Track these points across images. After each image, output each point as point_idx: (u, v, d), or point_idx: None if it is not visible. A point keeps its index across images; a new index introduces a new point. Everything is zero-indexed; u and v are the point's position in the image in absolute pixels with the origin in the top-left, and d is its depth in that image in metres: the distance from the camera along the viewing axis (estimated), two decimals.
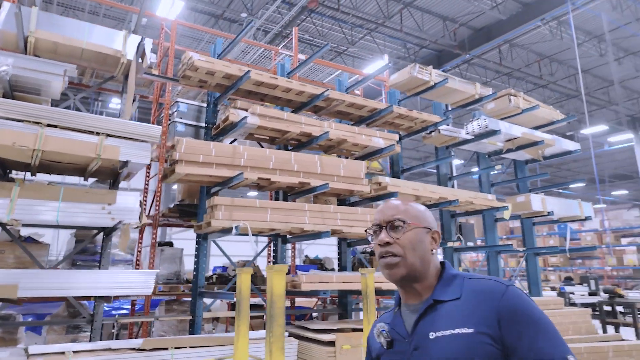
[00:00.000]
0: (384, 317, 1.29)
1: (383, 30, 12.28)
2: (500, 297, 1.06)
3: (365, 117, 7.33)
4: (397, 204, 1.24)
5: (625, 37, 12.76)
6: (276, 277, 3.16)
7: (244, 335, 3.90)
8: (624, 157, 22.62)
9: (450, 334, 1.05)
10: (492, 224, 9.45)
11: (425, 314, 1.12)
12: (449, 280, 1.17)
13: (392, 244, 1.17)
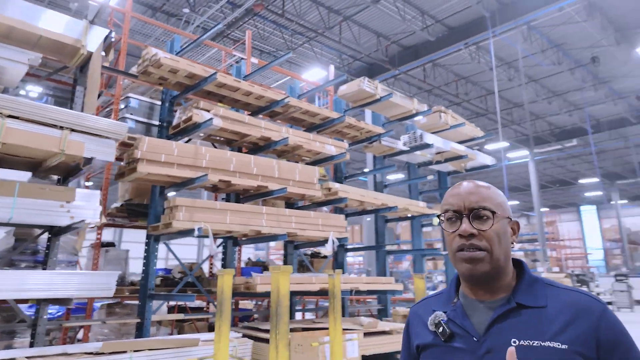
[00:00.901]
0: (431, 303, 1.17)
1: (322, 39, 12.73)
2: (599, 316, 0.98)
3: (317, 125, 7.64)
4: (480, 188, 1.09)
5: (530, 65, 14.66)
6: (282, 277, 3.33)
7: (225, 336, 3.99)
8: (519, 171, 25.61)
9: (540, 345, 0.95)
10: (419, 229, 10.28)
11: (505, 316, 1.01)
12: (531, 283, 1.06)
13: (477, 236, 1.03)
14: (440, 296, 1.18)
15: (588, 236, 42.06)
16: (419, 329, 1.14)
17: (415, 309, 1.21)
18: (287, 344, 3.24)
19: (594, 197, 38.40)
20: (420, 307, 1.21)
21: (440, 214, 1.12)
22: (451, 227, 1.07)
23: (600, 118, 20.59)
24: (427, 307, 1.16)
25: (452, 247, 1.07)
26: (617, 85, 17.21)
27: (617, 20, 13.08)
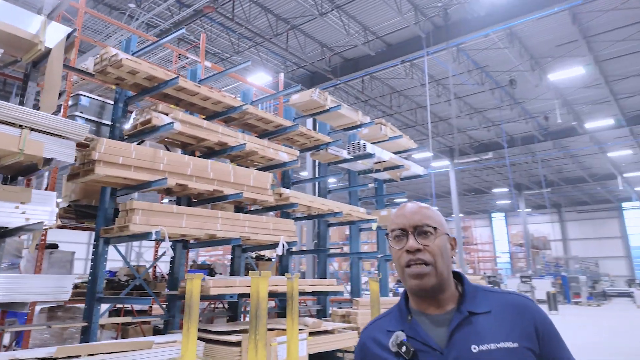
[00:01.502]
0: (383, 325, 1.21)
1: (268, 45, 12.95)
2: (533, 312, 1.11)
3: (270, 132, 7.88)
4: (422, 209, 1.19)
5: (457, 84, 16.01)
6: (261, 282, 3.57)
7: (193, 337, 4.13)
8: (439, 179, 27.50)
9: (496, 348, 1.03)
10: (357, 234, 10.84)
11: (460, 325, 1.08)
12: (473, 292, 1.15)
13: (422, 251, 1.11)
14: (390, 316, 1.21)
15: (497, 241, 46.13)
16: (378, 351, 1.15)
17: (369, 333, 1.22)
18: (265, 344, 3.49)
19: (504, 205, 42.27)
20: (373, 330, 1.22)
21: (387, 234, 1.20)
22: (398, 244, 1.15)
23: (513, 134, 22.86)
24: (380, 329, 1.19)
25: (400, 263, 1.13)
26: (529, 106, 19.30)
27: (533, 49, 14.75)
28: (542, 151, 24.95)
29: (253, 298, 3.58)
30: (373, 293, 4.87)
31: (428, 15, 12.53)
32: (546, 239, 37.02)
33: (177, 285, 6.61)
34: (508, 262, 42.56)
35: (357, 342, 1.26)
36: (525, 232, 33.58)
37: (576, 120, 20.14)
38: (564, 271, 32.29)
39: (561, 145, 24.31)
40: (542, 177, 29.11)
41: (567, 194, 36.90)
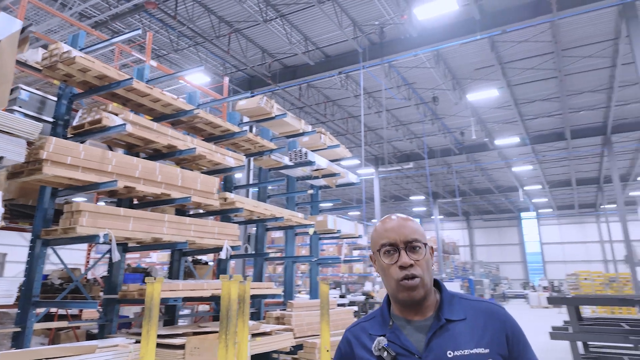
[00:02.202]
0: (367, 327, 1.27)
1: (208, 46, 12.85)
2: (504, 319, 1.18)
3: (216, 136, 7.94)
4: (408, 222, 1.24)
5: (387, 97, 16.99)
6: (232, 285, 3.75)
7: (153, 340, 4.18)
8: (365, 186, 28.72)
9: (469, 353, 1.10)
10: (292, 238, 11.17)
11: (438, 332, 1.14)
12: (450, 300, 1.22)
13: (413, 266, 1.17)
14: (373, 320, 1.28)
15: None
16: (362, 353, 1.22)
17: (354, 333, 1.28)
18: (233, 343, 3.69)
19: (420, 212, 45.04)
20: (357, 331, 1.28)
21: (379, 248, 1.23)
22: (390, 259, 1.19)
23: (433, 147, 24.64)
24: (364, 331, 1.26)
25: (392, 277, 1.18)
26: (448, 121, 21.00)
27: (455, 70, 16.14)
28: (457, 163, 27.19)
29: (224, 300, 3.77)
30: (323, 295, 5.22)
31: (366, 32, 13.26)
32: (456, 244, 40.01)
33: (116, 288, 6.48)
34: None
35: (342, 339, 1.32)
36: (438, 237, 36.08)
37: (487, 137, 22.25)
38: (471, 275, 35.27)
39: (474, 158, 26.69)
40: (456, 187, 31.63)
41: (476, 203, 40.37)
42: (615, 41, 14.15)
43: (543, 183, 32.05)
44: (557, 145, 24.08)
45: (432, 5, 11.27)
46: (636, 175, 30.05)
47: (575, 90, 17.68)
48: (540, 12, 11.98)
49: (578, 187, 33.20)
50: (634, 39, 11.36)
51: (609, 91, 17.65)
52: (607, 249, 39.74)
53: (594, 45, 14.40)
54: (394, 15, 12.52)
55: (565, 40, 14.06)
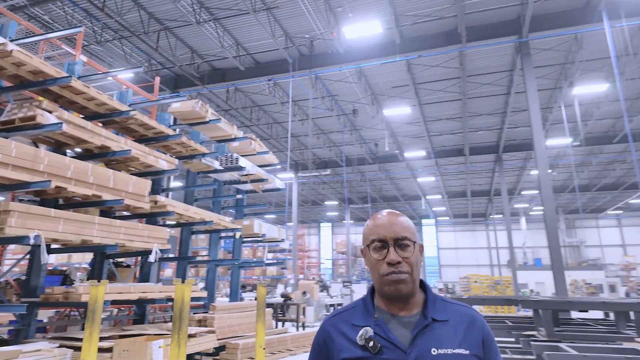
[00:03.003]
0: (348, 318, 1.26)
1: (134, 40, 12.38)
2: (482, 325, 1.22)
3: (148, 137, 7.82)
4: (400, 218, 1.24)
5: (311, 107, 17.59)
6: (186, 288, 3.91)
7: (95, 342, 4.19)
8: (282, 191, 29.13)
9: (452, 353, 1.13)
10: (217, 242, 11.23)
11: (423, 330, 1.16)
12: (434, 301, 1.24)
13: (402, 263, 1.18)
14: (354, 310, 1.27)
15: (322, 248, 50.44)
16: (343, 342, 1.20)
17: (334, 323, 1.26)
18: (185, 342, 3.87)
19: (332, 216, 46.59)
20: (337, 321, 1.26)
21: (369, 244, 1.23)
22: (379, 254, 1.19)
23: (349, 155, 25.86)
24: (345, 322, 1.24)
25: (379, 272, 1.19)
26: (365, 133, 22.26)
27: (374, 87, 17.27)
28: (369, 172, 28.80)
29: (177, 302, 3.93)
30: (261, 296, 5.53)
31: (296, 44, 13.73)
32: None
33: (36, 291, 6.18)
34: (330, 268, 46.98)
35: (320, 329, 1.28)
36: (349, 241, 37.70)
37: (398, 149, 23.94)
38: None
39: (385, 168, 28.48)
40: (368, 194, 33.38)
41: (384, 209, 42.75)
42: (510, 72, 16.22)
43: (443, 193, 35.11)
44: (457, 160, 26.65)
45: (359, 26, 12.08)
46: (520, 190, 34.25)
47: (475, 113, 19.84)
48: (452, 42, 13.41)
49: (472, 198, 36.93)
50: (526, 72, 13.19)
51: (502, 115, 20.07)
52: (494, 255, 44.57)
53: (494, 74, 16.36)
54: (324, 31, 13.16)
55: (470, 68, 15.81)
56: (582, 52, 14.40)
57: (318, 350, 1.26)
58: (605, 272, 29.48)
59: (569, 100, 18.40)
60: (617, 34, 13.80)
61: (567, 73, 15.74)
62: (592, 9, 12.34)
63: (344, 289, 25.87)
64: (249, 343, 8.63)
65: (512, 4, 12.39)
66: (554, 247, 11.61)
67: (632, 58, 14.63)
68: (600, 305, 5.83)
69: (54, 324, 7.28)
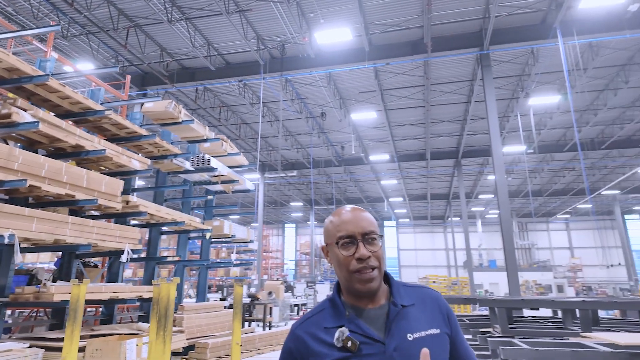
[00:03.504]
0: (319, 321, 1.23)
1: (102, 36, 12.15)
2: (443, 302, 1.28)
3: (121, 137, 7.79)
4: (364, 214, 1.24)
5: (280, 109, 17.75)
6: (172, 287, 4.03)
7: (76, 340, 4.24)
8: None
9: (426, 334, 1.16)
10: (185, 242, 11.23)
11: (395, 318, 1.17)
12: (398, 287, 1.26)
13: (371, 257, 1.18)
14: (323, 313, 1.24)
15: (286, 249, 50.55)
16: (320, 347, 1.17)
17: (305, 329, 1.23)
18: (171, 339, 4.00)
19: (296, 217, 46.78)
20: (308, 326, 1.23)
21: (335, 241, 1.22)
22: (347, 251, 1.19)
23: (316, 157, 26.17)
24: (317, 326, 1.21)
25: (349, 268, 1.18)
26: (332, 136, 22.64)
27: (343, 91, 17.65)
28: (335, 174, 29.22)
29: (162, 300, 4.06)
30: (237, 295, 5.69)
31: (268, 46, 13.87)
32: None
33: (4, 291, 6.09)
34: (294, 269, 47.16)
35: (290, 337, 1.25)
36: (312, 242, 38.02)
37: (364, 153, 24.47)
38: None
39: (350, 171, 28.99)
40: (333, 196, 33.81)
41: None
42: (471, 82, 17.01)
43: (404, 196, 36.06)
44: (419, 164, 27.52)
45: (330, 32, 12.39)
46: (477, 194, 35.71)
47: (437, 119, 20.63)
48: (418, 51, 13.96)
49: (432, 201, 38.14)
50: (486, 82, 13.92)
51: (462, 122, 20.96)
52: (451, 256, 46.16)
53: (455, 83, 17.11)
54: (296, 35, 13.38)
55: (434, 76, 16.47)
56: (537, 65, 15.33)
57: (288, 359, 1.22)
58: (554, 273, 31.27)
59: (524, 110, 19.49)
60: (569, 50, 14.80)
61: (523, 84, 16.68)
62: (547, 26, 13.20)
63: (308, 289, 26.17)
64: (218, 342, 8.74)
65: (475, 17, 13.07)
66: (508, 249, 12.35)
67: (582, 73, 15.72)
68: (550, 303, 6.36)
69: (20, 324, 7.13)
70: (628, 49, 14.62)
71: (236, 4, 11.75)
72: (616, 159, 26.18)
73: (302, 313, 18.63)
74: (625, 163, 26.99)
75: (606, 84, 17.17)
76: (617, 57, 15.21)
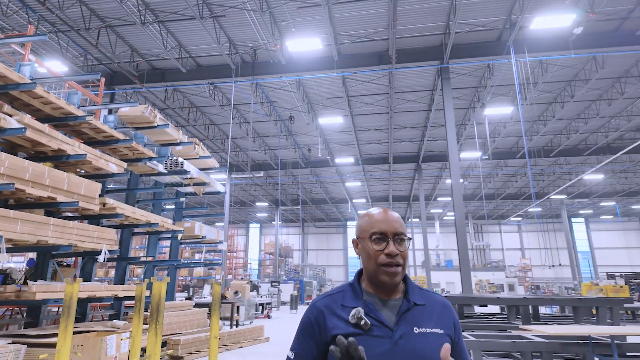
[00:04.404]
0: (338, 299, 1.36)
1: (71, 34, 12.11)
2: (452, 311, 1.41)
3: (97, 140, 7.99)
4: (398, 218, 1.38)
5: (250, 111, 18.05)
6: (163, 285, 4.42)
7: (70, 335, 4.55)
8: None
9: (430, 331, 1.29)
10: (155, 243, 11.44)
11: (406, 311, 1.31)
12: (414, 288, 1.41)
13: (398, 255, 1.32)
14: (343, 293, 1.38)
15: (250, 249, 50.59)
16: (336, 320, 1.30)
17: (325, 303, 1.36)
18: (161, 332, 4.40)
19: (262, 217, 46.92)
20: (328, 302, 1.36)
21: (368, 236, 1.35)
22: (379, 245, 1.33)
23: (283, 159, 26.59)
24: (335, 303, 1.35)
25: (377, 261, 1.32)
26: (299, 139, 23.15)
27: (311, 96, 18.19)
28: (301, 175, 29.75)
29: (154, 297, 4.44)
30: (215, 294, 6.10)
31: (240, 51, 14.21)
32: (290, 248, 42.92)
33: None
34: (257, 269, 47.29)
35: (311, 307, 1.38)
36: (277, 242, 38.37)
37: (329, 155, 25.12)
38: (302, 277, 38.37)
39: (316, 172, 29.59)
40: (299, 197, 34.29)
41: (312, 211, 44.07)
42: (432, 92, 17.98)
43: (367, 197, 37.07)
44: (382, 167, 28.50)
45: (301, 41, 12.90)
46: (436, 197, 37.19)
47: (400, 125, 21.56)
48: (383, 62, 14.70)
49: (393, 203, 39.35)
50: (445, 93, 14.84)
51: (423, 129, 22.00)
52: (410, 256, 47.62)
53: (417, 92, 18.02)
54: (268, 42, 13.80)
55: (398, 86, 17.31)
56: (493, 78, 16.46)
57: (308, 327, 1.34)
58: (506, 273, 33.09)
59: (480, 119, 20.73)
60: (521, 66, 15.99)
61: (480, 95, 17.81)
62: (502, 44, 14.26)
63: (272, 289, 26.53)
64: (189, 339, 9.09)
65: (437, 32, 13.94)
66: (462, 250, 13.28)
67: (533, 87, 16.98)
68: (496, 300, 7.16)
69: None
70: (573, 66, 15.96)
71: (210, 10, 12.05)
72: (563, 166, 28.13)
73: (267, 312, 19.06)
74: (571, 170, 29.04)
75: (554, 97, 18.59)
76: (564, 74, 16.56)
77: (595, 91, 17.87)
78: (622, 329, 5.65)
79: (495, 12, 12.94)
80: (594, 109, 19.38)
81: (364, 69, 14.74)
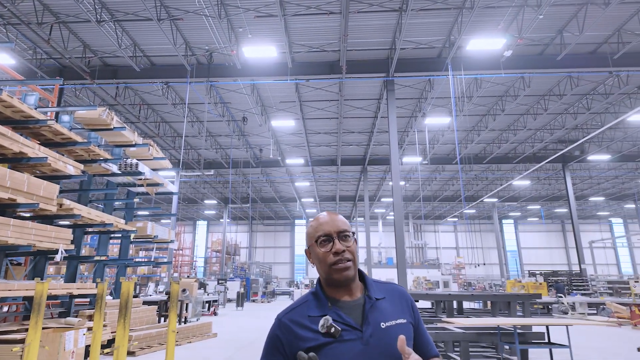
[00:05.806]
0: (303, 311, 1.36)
1: (21, 27, 11.89)
2: (408, 296, 1.45)
3: (55, 142, 8.14)
4: (340, 217, 1.42)
5: (203, 111, 18.23)
6: (130, 285, 4.89)
7: (39, 330, 4.92)
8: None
9: (395, 323, 1.32)
10: (106, 242, 11.55)
11: (370, 309, 1.33)
12: (371, 283, 1.43)
13: (345, 251, 1.34)
14: (307, 304, 1.38)
15: (197, 246, 50.03)
16: (305, 333, 1.30)
17: (290, 317, 1.36)
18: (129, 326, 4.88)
19: (209, 214, 46.56)
20: (294, 315, 1.36)
21: (316, 240, 1.39)
22: (325, 247, 1.37)
23: (235, 159, 26.83)
24: (301, 315, 1.35)
25: (327, 262, 1.35)
26: (252, 139, 23.57)
27: (265, 100, 18.71)
28: (252, 174, 30.09)
29: (123, 295, 4.90)
30: (174, 292, 6.58)
31: (196, 53, 14.47)
32: (238, 246, 43.00)
33: None
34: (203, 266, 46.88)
35: (276, 324, 1.37)
36: (224, 239, 38.36)
37: (280, 156, 25.71)
38: (250, 274, 38.63)
39: (267, 172, 30.06)
40: (250, 195, 34.53)
41: (261, 210, 44.40)
42: (378, 101, 19.09)
43: (315, 197, 38.01)
44: (330, 168, 29.49)
45: (257, 48, 13.42)
46: (380, 197, 38.82)
47: (348, 130, 22.58)
48: (334, 72, 15.54)
49: (340, 202, 40.61)
50: (390, 102, 15.93)
51: (370, 134, 23.16)
52: None
53: (365, 100, 19.06)
54: (224, 46, 14.18)
55: (347, 94, 18.24)
56: (433, 91, 17.79)
57: (276, 343, 1.33)
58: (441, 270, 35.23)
59: (421, 127, 22.19)
60: (458, 82, 17.43)
61: (421, 106, 19.15)
62: (442, 61, 15.54)
63: (219, 287, 26.70)
64: (140, 335, 9.45)
65: (384, 47, 14.96)
66: (400, 249, 14.41)
67: (468, 100, 18.52)
68: (424, 296, 8.15)
69: None
70: (504, 84, 17.62)
71: (168, 13, 12.27)
72: (495, 172, 30.51)
73: (214, 309, 19.39)
74: (502, 176, 31.53)
75: (487, 110, 20.34)
76: (496, 90, 18.22)
77: (523, 106, 19.77)
78: (525, 320, 6.78)
79: (436, 32, 14.14)
80: (522, 122, 21.38)
81: (316, 77, 15.49)
